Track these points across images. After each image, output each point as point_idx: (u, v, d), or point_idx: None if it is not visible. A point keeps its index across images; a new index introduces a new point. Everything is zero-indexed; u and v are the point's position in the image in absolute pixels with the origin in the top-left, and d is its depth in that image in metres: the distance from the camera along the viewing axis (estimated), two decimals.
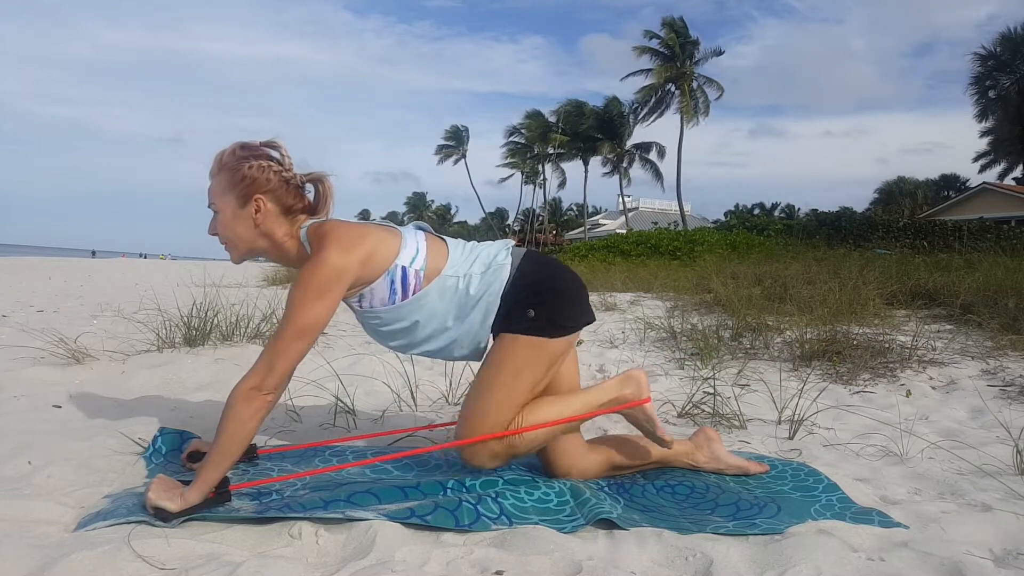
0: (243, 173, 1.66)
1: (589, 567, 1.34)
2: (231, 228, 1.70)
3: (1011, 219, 24.13)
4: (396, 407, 2.70)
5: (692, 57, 40.24)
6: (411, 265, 1.70)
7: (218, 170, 1.69)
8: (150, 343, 3.63)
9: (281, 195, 1.69)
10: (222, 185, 1.68)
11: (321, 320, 1.59)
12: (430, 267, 1.71)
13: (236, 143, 1.71)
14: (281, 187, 1.69)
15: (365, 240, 1.66)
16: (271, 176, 1.68)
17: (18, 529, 1.40)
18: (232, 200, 1.68)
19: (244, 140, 1.72)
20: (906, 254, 10.80)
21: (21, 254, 36.10)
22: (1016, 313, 4.24)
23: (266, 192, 1.67)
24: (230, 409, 1.55)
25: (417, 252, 1.72)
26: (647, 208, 55.27)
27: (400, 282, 1.69)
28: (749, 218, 30.39)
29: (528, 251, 1.84)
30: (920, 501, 1.79)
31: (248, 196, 1.67)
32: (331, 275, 1.59)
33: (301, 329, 1.57)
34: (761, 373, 3.44)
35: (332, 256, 1.59)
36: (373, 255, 1.66)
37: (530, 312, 1.72)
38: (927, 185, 52.09)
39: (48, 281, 10.67)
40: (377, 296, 1.70)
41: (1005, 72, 31.74)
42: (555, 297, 1.76)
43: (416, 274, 1.70)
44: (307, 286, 1.58)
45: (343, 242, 1.63)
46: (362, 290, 1.69)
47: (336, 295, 1.61)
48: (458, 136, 58.02)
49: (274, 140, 1.74)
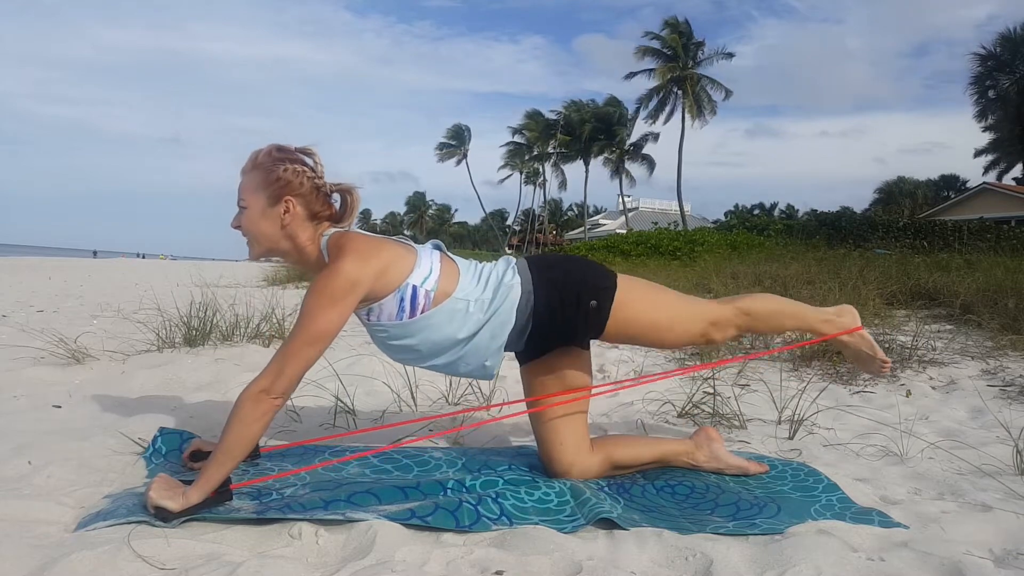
0: (278, 174, 1.68)
1: (589, 567, 1.34)
2: (257, 225, 1.71)
3: (1011, 219, 24.13)
4: (396, 407, 2.70)
5: (696, 58, 40.25)
6: (422, 285, 1.71)
7: (252, 168, 1.71)
8: (150, 343, 3.63)
9: (311, 200, 1.72)
10: (255, 182, 1.70)
11: (333, 328, 1.60)
12: (440, 289, 1.73)
13: (272, 144, 1.73)
14: (312, 193, 1.72)
15: (381, 254, 1.68)
16: (304, 181, 1.70)
17: (18, 529, 1.40)
18: (263, 198, 1.70)
19: (280, 143, 1.74)
20: (906, 254, 10.80)
21: (22, 254, 36.11)
22: (1016, 313, 4.24)
23: (297, 196, 1.69)
24: (237, 411, 1.55)
25: (431, 272, 1.73)
26: (647, 208, 55.30)
27: (409, 300, 1.70)
28: (749, 218, 30.40)
29: (528, 258, 1.87)
30: (920, 501, 1.79)
31: (279, 197, 1.69)
32: (346, 285, 1.60)
33: (313, 336, 1.58)
34: (761, 373, 3.45)
35: (348, 266, 1.61)
36: (388, 270, 1.68)
37: (592, 303, 1.78)
38: (927, 185, 52.12)
39: (48, 281, 10.67)
40: (386, 311, 1.71)
41: (1005, 72, 31.76)
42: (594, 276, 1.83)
43: (426, 294, 1.71)
44: (321, 294, 1.59)
45: (360, 253, 1.64)
46: (372, 304, 1.71)
47: (349, 304, 1.62)
48: (459, 136, 58.01)
49: (309, 147, 1.76)
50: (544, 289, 1.77)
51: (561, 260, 1.89)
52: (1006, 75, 31.79)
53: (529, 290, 1.77)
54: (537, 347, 1.87)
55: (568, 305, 1.77)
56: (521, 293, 1.76)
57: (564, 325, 1.80)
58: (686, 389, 3.03)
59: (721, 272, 7.77)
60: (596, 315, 1.80)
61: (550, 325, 1.79)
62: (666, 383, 3.29)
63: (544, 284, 1.78)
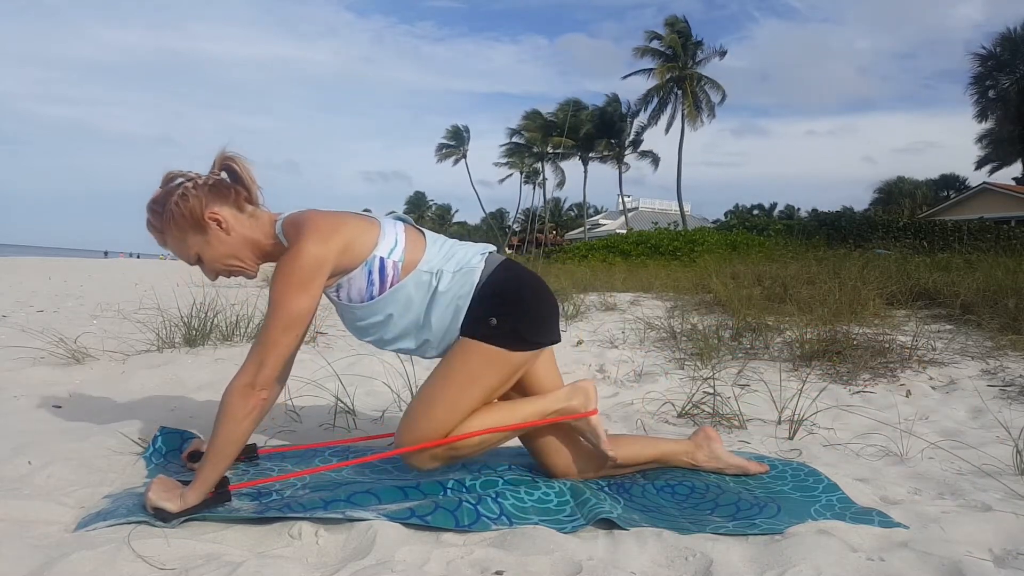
0: (180, 211, 1.62)
1: (589, 567, 1.34)
2: (216, 256, 1.67)
3: (1011, 219, 24.11)
4: (396, 407, 2.70)
5: (695, 58, 40.23)
6: (389, 256, 1.68)
7: (163, 230, 1.67)
8: (150, 343, 3.63)
9: (219, 196, 1.66)
10: (178, 235, 1.66)
11: (306, 311, 1.58)
12: (408, 259, 1.70)
13: (147, 204, 1.68)
14: (211, 192, 1.65)
15: (342, 229, 1.64)
16: (196, 191, 1.64)
17: (18, 529, 1.40)
18: (195, 237, 1.65)
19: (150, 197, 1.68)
20: (906, 254, 10.80)
21: (27, 254, 36.08)
22: (1016, 313, 4.24)
23: (208, 205, 1.64)
24: (224, 408, 1.54)
25: (396, 243, 1.70)
26: (647, 208, 55.29)
27: (378, 272, 1.67)
28: (749, 218, 30.41)
29: (506, 259, 1.82)
30: (920, 501, 1.79)
31: (200, 221, 1.64)
32: (311, 264, 1.57)
33: (287, 322, 1.56)
34: (761, 373, 3.44)
35: (310, 246, 1.57)
36: (352, 244, 1.64)
37: (492, 320, 1.70)
38: (927, 185, 52.08)
39: (48, 281, 10.67)
40: (355, 286, 1.68)
41: (1005, 72, 31.74)
42: (521, 309, 1.73)
43: (394, 265, 1.68)
44: (288, 278, 1.56)
45: (320, 231, 1.61)
46: (340, 279, 1.68)
47: (318, 284, 1.60)
48: (459, 136, 58.02)
49: (166, 173, 1.69)
50: (491, 284, 1.72)
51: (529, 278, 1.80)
52: (1006, 75, 31.77)
53: (486, 280, 1.72)
54: None
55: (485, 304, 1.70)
56: (478, 279, 1.71)
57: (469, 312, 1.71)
58: (686, 389, 3.03)
59: (721, 272, 7.76)
60: (487, 328, 1.70)
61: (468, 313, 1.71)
62: (666, 383, 3.29)
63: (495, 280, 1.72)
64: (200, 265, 1.71)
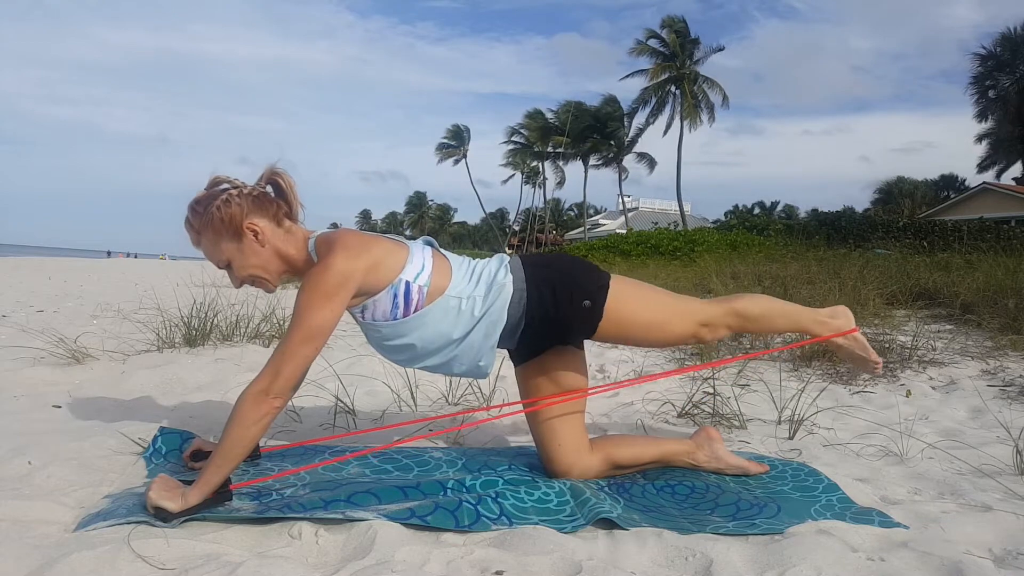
0: (220, 216, 1.66)
1: (589, 567, 1.34)
2: (246, 265, 1.71)
3: (1011, 219, 24.10)
4: (396, 407, 2.70)
5: (692, 56, 40.22)
6: (415, 280, 1.70)
7: (199, 231, 1.70)
8: (150, 343, 3.63)
9: (261, 208, 1.69)
10: (212, 238, 1.69)
11: (328, 324, 1.59)
12: (434, 285, 1.72)
13: (189, 203, 1.71)
14: (254, 203, 1.69)
15: (372, 249, 1.67)
16: (240, 200, 1.67)
17: (18, 529, 1.40)
18: (230, 243, 1.68)
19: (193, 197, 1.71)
20: (906, 254, 10.79)
21: (28, 254, 36.06)
22: (1016, 313, 4.24)
23: (248, 215, 1.67)
24: (236, 413, 1.55)
25: (423, 268, 1.72)
26: (647, 208, 55.31)
27: (403, 296, 1.69)
28: (749, 218, 30.36)
29: (522, 258, 1.85)
30: (920, 501, 1.79)
31: (238, 229, 1.67)
32: (337, 279, 1.59)
33: (308, 334, 1.57)
34: (761, 373, 3.45)
35: (338, 261, 1.60)
36: (379, 265, 1.67)
37: (586, 303, 1.77)
38: (927, 185, 52.07)
39: (48, 281, 10.67)
40: (380, 309, 1.70)
41: (1005, 72, 31.74)
42: (585, 276, 1.82)
43: (420, 290, 1.70)
44: (313, 290, 1.58)
45: (350, 249, 1.63)
46: (365, 300, 1.70)
47: (342, 300, 1.61)
48: (459, 136, 58.05)
49: (213, 177, 1.73)
50: (537, 288, 1.77)
51: (555, 259, 1.88)
52: (1006, 75, 31.77)
53: (522, 288, 1.76)
54: (530, 347, 1.87)
55: (561, 304, 1.77)
56: (513, 291, 1.75)
57: (557, 324, 1.80)
58: (686, 389, 3.03)
59: (721, 272, 7.76)
60: (589, 314, 1.79)
61: (543, 324, 1.79)
62: (666, 383, 3.29)
63: (537, 282, 1.77)
64: (228, 270, 1.74)
